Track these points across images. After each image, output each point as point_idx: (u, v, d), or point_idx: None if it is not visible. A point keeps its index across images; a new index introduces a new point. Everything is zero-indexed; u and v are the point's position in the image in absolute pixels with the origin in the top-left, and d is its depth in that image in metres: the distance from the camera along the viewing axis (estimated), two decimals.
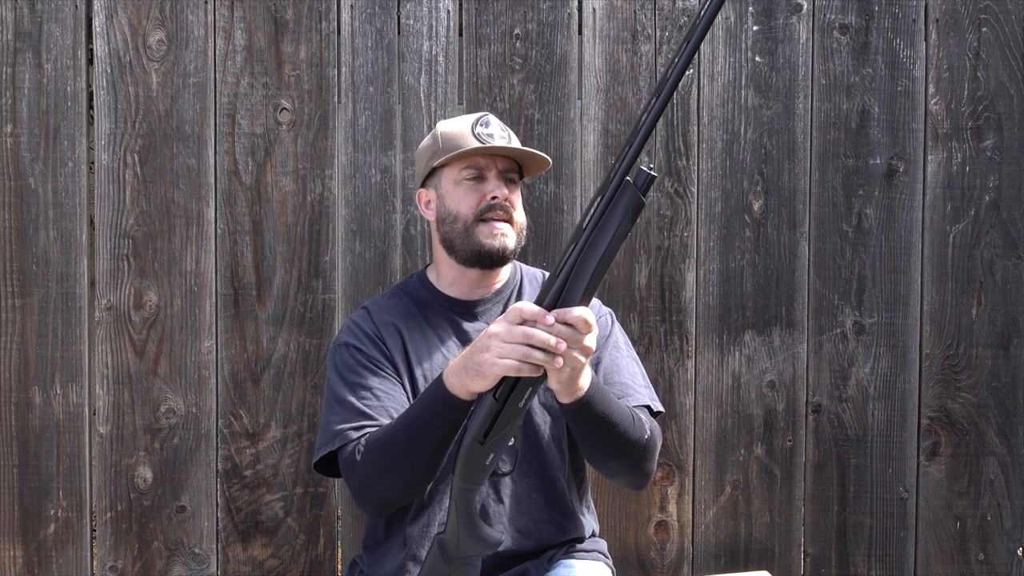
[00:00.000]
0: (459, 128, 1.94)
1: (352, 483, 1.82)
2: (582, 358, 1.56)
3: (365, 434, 1.81)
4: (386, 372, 1.89)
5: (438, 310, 1.97)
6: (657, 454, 1.86)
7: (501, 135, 1.94)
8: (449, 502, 1.68)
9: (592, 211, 1.51)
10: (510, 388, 1.58)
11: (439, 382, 1.69)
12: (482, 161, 1.93)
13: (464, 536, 1.66)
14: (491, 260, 1.91)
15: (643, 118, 1.48)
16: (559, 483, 1.94)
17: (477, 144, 1.90)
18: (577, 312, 1.51)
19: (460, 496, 1.65)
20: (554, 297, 1.53)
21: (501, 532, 1.71)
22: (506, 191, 1.92)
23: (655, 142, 2.47)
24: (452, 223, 1.93)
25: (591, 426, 1.72)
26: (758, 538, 2.53)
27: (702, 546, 2.52)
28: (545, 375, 1.57)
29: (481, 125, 1.93)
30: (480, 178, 1.92)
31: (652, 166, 1.50)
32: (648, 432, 1.81)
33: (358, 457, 1.79)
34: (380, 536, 1.97)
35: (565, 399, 1.67)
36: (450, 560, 1.68)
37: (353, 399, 1.85)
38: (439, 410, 1.69)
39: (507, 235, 1.91)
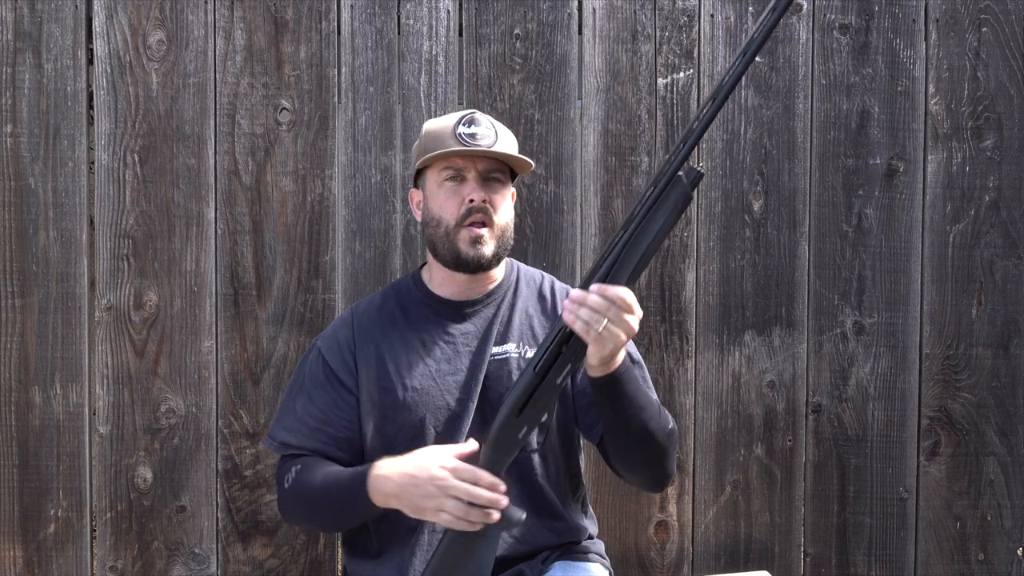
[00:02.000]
0: (441, 127, 1.90)
1: (279, 500, 1.95)
2: (623, 335, 1.62)
3: (299, 464, 1.88)
4: (342, 393, 1.91)
5: (425, 312, 1.94)
6: (676, 453, 1.87)
7: (485, 134, 1.87)
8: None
9: (644, 200, 1.62)
10: (550, 363, 1.66)
11: (365, 478, 1.76)
12: (460, 162, 1.87)
13: None
14: (469, 268, 1.88)
15: (700, 115, 1.62)
16: (546, 490, 1.92)
17: (456, 145, 1.85)
18: (621, 291, 1.60)
19: (492, 468, 1.68)
20: (602, 277, 1.63)
21: (522, 510, 1.72)
22: (483, 193, 1.86)
23: (655, 142, 2.47)
24: (435, 227, 1.89)
25: (620, 402, 1.73)
26: (758, 538, 2.53)
27: (702, 546, 2.52)
28: (585, 349, 1.65)
29: (464, 124, 1.87)
30: (460, 179, 1.87)
31: (701, 165, 1.62)
32: (672, 424, 1.82)
33: (286, 485, 1.88)
34: (373, 550, 1.93)
35: (597, 372, 1.70)
36: (471, 537, 1.69)
37: (305, 415, 1.92)
38: (355, 499, 1.78)
39: (485, 243, 1.86)
